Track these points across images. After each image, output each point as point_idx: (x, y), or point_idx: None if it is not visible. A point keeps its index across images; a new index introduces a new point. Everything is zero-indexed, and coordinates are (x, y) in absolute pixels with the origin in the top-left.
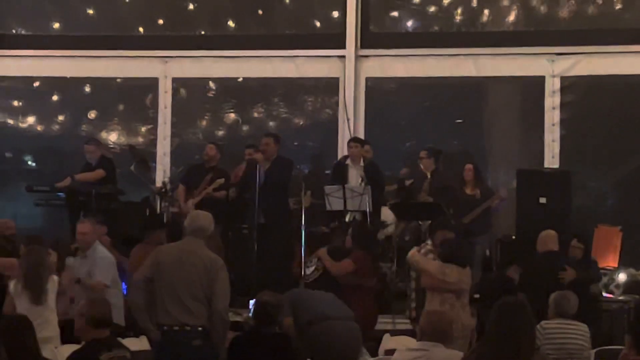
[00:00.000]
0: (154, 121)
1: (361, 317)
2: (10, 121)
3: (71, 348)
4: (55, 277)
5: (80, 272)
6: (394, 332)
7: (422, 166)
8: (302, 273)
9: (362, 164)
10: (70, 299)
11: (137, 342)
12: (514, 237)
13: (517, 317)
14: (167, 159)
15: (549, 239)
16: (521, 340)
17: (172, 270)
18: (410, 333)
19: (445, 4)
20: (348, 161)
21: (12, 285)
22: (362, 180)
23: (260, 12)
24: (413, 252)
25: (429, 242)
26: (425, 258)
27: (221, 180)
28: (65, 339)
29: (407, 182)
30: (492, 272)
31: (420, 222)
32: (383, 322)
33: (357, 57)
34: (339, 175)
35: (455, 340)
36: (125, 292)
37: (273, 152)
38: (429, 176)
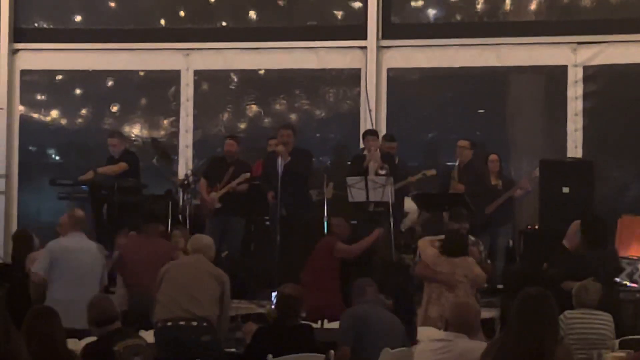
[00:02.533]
0: (176, 114)
1: None
2: (34, 115)
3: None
4: None
5: None
6: None
7: (459, 155)
8: None
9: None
10: None
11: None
12: (537, 227)
13: (540, 308)
14: (189, 152)
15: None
16: (544, 331)
17: (182, 271)
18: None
19: None
20: (365, 152)
21: None
22: (381, 170)
23: (281, 3)
24: (422, 240)
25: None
26: (427, 246)
27: (247, 175)
28: None
29: (429, 173)
30: (516, 262)
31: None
32: None
33: (379, 48)
34: (358, 167)
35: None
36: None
37: (292, 143)
38: (456, 165)
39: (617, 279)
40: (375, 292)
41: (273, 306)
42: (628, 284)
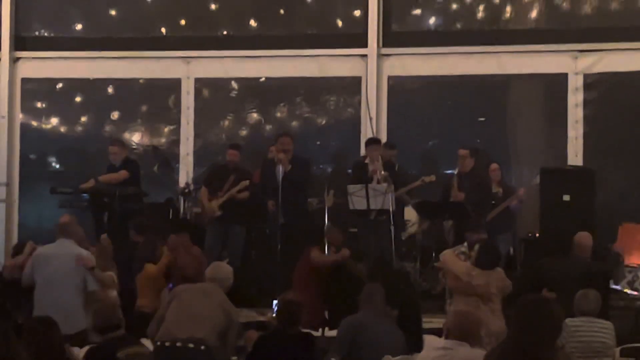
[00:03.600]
0: (176, 122)
1: None
2: (34, 123)
3: None
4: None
5: None
6: None
7: (460, 164)
8: None
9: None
10: None
11: None
12: (537, 235)
13: (538, 314)
14: (190, 160)
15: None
16: (542, 337)
17: (193, 296)
18: (436, 331)
19: (468, 2)
20: (367, 160)
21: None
22: (382, 177)
23: (282, 11)
24: (447, 252)
25: (465, 244)
26: (455, 259)
27: (246, 182)
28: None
29: (428, 179)
30: (516, 270)
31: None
32: None
33: (379, 56)
34: (359, 174)
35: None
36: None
37: (291, 151)
38: (455, 174)
39: (616, 287)
40: (382, 299)
41: (274, 314)
42: (629, 292)
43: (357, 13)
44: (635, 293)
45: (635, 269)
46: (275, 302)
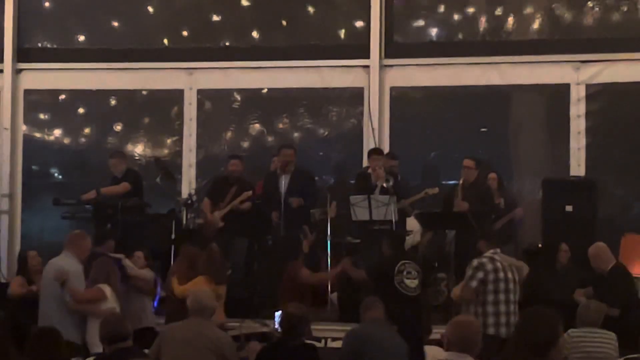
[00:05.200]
0: (179, 133)
1: None
2: (37, 134)
3: None
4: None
5: None
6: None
7: (464, 175)
8: None
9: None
10: None
11: None
12: (540, 246)
13: (533, 321)
14: (193, 171)
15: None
16: (536, 344)
17: (178, 350)
18: (438, 343)
19: (470, 13)
20: (370, 170)
21: (106, 289)
22: (386, 187)
23: (284, 22)
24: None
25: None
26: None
27: (249, 193)
28: None
29: (431, 192)
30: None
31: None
32: None
33: (382, 67)
34: (362, 184)
35: None
36: None
37: (294, 163)
38: (460, 183)
39: None
40: (382, 309)
41: (276, 326)
42: None
43: (360, 24)
44: None
45: (637, 280)
46: (277, 313)
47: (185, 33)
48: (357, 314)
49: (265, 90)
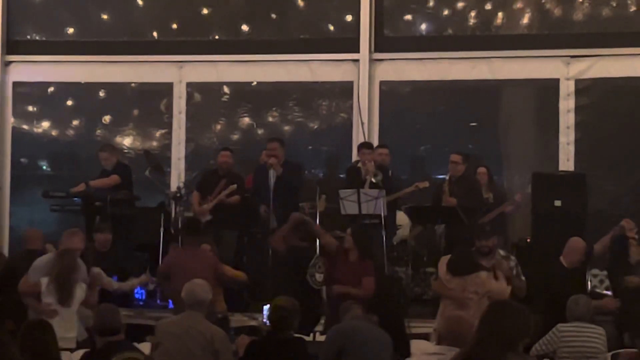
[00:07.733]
0: (168, 126)
1: None
2: (25, 127)
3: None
4: (84, 285)
5: None
6: (411, 337)
7: (451, 170)
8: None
9: (374, 168)
10: None
11: None
12: (529, 240)
13: (501, 316)
14: (182, 164)
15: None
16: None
17: (172, 346)
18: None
19: (460, 8)
20: (360, 164)
21: (43, 282)
22: (374, 180)
23: (274, 16)
24: (442, 258)
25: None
26: (442, 265)
27: (234, 186)
28: None
29: (422, 185)
30: None
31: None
32: None
33: (372, 61)
34: (352, 178)
35: None
36: None
37: (282, 156)
38: (447, 178)
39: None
40: (360, 309)
41: (265, 319)
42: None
43: (349, 18)
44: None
45: None
46: (266, 307)
47: (174, 26)
48: None
49: (255, 84)
